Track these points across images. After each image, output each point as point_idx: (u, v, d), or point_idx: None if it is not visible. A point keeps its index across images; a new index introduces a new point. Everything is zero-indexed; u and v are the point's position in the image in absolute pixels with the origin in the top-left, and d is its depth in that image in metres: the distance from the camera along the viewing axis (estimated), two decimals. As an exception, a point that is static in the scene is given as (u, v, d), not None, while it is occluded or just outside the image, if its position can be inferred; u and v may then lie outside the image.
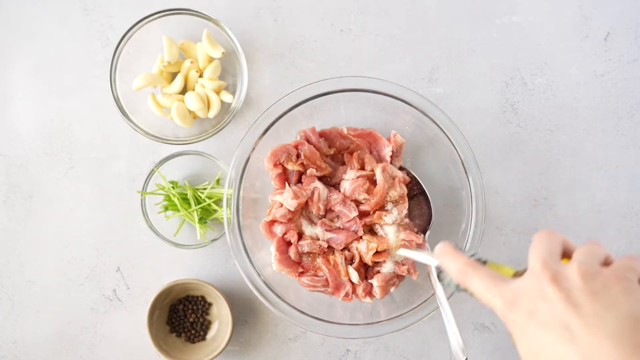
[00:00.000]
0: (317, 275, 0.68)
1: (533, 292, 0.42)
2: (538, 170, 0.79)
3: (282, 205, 0.67)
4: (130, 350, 0.79)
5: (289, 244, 0.69)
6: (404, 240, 0.67)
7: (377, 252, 0.67)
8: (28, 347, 0.79)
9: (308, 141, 0.69)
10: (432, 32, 0.79)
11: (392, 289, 0.69)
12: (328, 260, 0.68)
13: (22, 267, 0.79)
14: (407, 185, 0.70)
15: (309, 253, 0.69)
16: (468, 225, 0.67)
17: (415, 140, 0.72)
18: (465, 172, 0.67)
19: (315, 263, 0.68)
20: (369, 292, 0.68)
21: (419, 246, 0.68)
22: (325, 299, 0.70)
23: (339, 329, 0.62)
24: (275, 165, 0.68)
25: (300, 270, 0.69)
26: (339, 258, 0.68)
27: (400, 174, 0.70)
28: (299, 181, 0.70)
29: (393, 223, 0.68)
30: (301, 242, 0.68)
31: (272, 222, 0.68)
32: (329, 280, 0.67)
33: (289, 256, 0.68)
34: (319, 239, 0.68)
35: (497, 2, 0.79)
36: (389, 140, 0.70)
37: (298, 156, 0.68)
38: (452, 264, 0.48)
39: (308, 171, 0.68)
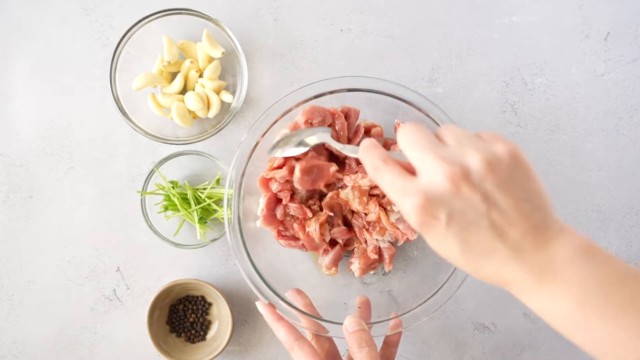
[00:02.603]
0: (294, 239, 0.70)
1: (446, 193, 0.41)
2: (538, 170, 0.78)
3: (282, 166, 0.67)
4: (130, 350, 0.79)
5: (280, 201, 0.69)
6: (398, 231, 0.68)
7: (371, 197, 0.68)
8: (28, 347, 0.79)
9: (346, 116, 0.69)
10: (432, 32, 0.79)
11: (371, 272, 0.72)
12: (304, 227, 0.69)
13: (22, 267, 0.79)
14: None
15: (294, 216, 0.69)
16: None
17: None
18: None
19: (294, 228, 0.69)
20: (335, 263, 0.70)
21: (406, 240, 0.69)
22: (325, 298, 0.70)
23: (339, 328, 0.62)
24: (306, 122, 0.67)
25: (281, 228, 0.70)
26: (313, 226, 0.69)
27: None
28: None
29: (399, 212, 0.68)
30: (290, 204, 0.68)
31: (271, 179, 0.68)
32: (305, 244, 0.69)
33: (275, 214, 0.69)
34: (307, 203, 0.70)
35: (497, 2, 0.79)
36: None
37: (330, 125, 0.68)
38: (368, 156, 0.46)
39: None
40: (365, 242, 0.71)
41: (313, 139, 0.65)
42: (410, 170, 0.44)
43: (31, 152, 0.79)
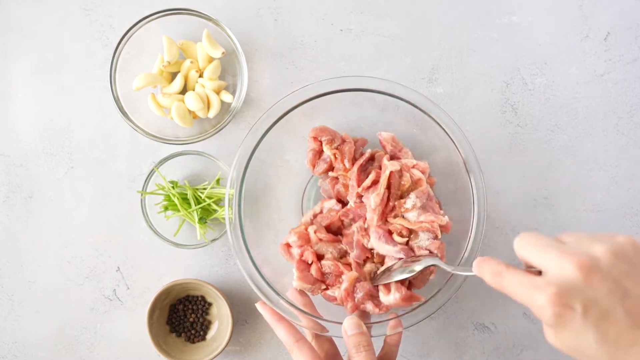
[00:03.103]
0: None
1: (578, 284, 0.42)
2: (538, 170, 0.79)
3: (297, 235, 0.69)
4: (130, 350, 0.79)
5: (309, 264, 0.69)
6: (423, 222, 0.67)
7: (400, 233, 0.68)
8: (28, 347, 0.79)
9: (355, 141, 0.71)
10: (432, 32, 0.79)
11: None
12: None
13: (22, 267, 0.79)
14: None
15: (330, 273, 0.69)
16: (470, 225, 0.67)
17: (416, 139, 0.72)
18: (467, 172, 0.67)
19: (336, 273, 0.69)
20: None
21: (443, 228, 0.67)
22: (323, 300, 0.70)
23: (339, 328, 0.62)
24: (315, 138, 0.69)
25: (324, 287, 0.68)
26: (344, 284, 0.67)
27: (409, 161, 0.69)
28: (329, 169, 0.71)
29: (413, 208, 0.67)
30: (324, 262, 0.68)
31: (288, 244, 0.69)
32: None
33: (311, 274, 0.68)
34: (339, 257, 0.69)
35: (497, 2, 0.79)
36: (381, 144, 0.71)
37: (337, 148, 0.69)
38: (486, 267, 0.48)
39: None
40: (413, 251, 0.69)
41: (420, 265, 0.63)
42: (534, 273, 0.45)
43: (31, 152, 0.79)
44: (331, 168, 0.71)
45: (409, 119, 0.69)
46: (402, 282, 0.65)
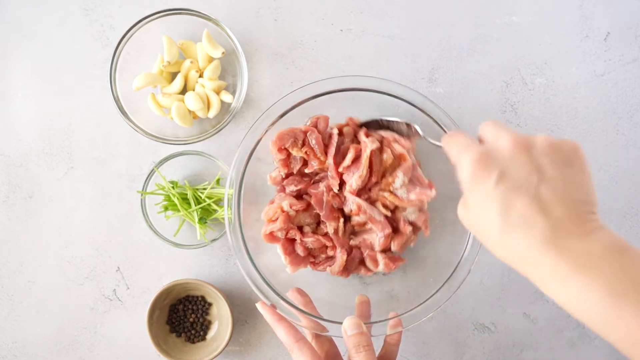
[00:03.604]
0: (329, 260, 0.70)
1: (506, 155, 0.44)
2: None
3: (275, 220, 0.68)
4: (130, 350, 0.79)
5: (293, 241, 0.69)
6: (414, 200, 0.67)
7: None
8: (28, 347, 0.79)
9: (316, 127, 0.69)
10: (432, 32, 0.79)
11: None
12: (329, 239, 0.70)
13: (22, 267, 0.79)
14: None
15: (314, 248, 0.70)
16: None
17: (416, 139, 0.72)
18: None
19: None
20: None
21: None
22: (326, 298, 0.70)
23: (339, 328, 0.62)
24: (279, 149, 0.68)
25: (312, 260, 0.70)
26: (338, 259, 0.69)
27: (389, 134, 0.69)
28: (304, 164, 0.70)
29: (402, 186, 0.67)
30: (306, 239, 0.69)
31: (272, 233, 0.69)
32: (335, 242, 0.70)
33: (298, 254, 0.69)
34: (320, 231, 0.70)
35: (497, 2, 0.79)
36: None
37: (304, 143, 0.68)
38: (445, 135, 0.51)
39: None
40: (395, 223, 0.70)
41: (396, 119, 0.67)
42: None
43: (31, 152, 0.79)
44: (306, 163, 0.70)
45: (409, 118, 0.69)
46: (386, 250, 0.69)
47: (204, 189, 0.76)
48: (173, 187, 0.75)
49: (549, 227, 0.42)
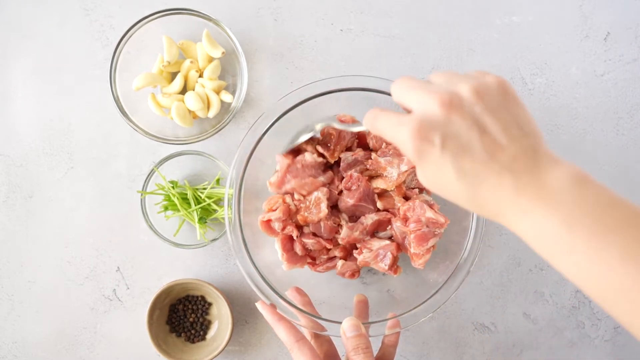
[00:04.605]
0: (330, 259, 0.70)
1: (440, 119, 0.43)
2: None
3: (275, 209, 0.68)
4: (130, 350, 0.79)
5: (292, 238, 0.69)
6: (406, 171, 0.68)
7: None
8: (28, 347, 0.79)
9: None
10: (432, 32, 0.79)
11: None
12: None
13: (22, 267, 0.79)
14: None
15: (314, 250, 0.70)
16: (469, 225, 0.67)
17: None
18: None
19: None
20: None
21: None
22: (325, 297, 0.70)
23: (338, 327, 0.62)
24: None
25: (310, 261, 0.70)
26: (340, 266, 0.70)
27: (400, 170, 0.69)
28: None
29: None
30: (306, 240, 0.69)
31: (269, 220, 0.68)
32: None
33: (296, 252, 0.69)
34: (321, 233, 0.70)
35: (497, 2, 0.79)
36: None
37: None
38: (366, 116, 0.49)
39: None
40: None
41: (319, 125, 0.65)
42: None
43: (31, 152, 0.79)
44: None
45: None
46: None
47: (204, 189, 0.76)
48: (173, 187, 0.75)
49: (502, 170, 0.42)
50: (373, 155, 0.69)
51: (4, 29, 0.78)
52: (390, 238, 0.70)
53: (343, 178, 0.69)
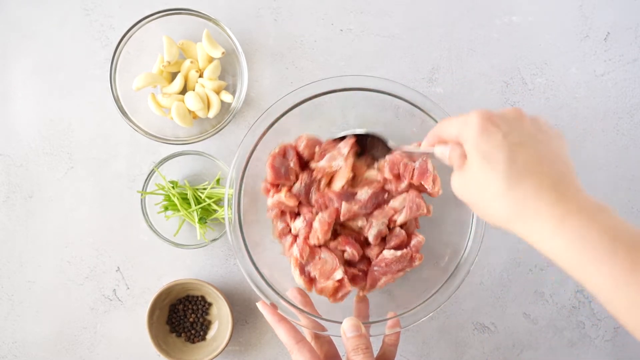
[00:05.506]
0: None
1: (509, 117, 0.49)
2: (538, 170, 0.78)
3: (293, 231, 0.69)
4: (130, 350, 0.79)
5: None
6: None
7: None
8: (28, 347, 0.79)
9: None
10: (432, 32, 0.79)
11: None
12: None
13: (22, 267, 0.79)
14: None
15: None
16: (469, 225, 0.67)
17: (417, 139, 0.72)
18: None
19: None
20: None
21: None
22: (325, 299, 0.70)
23: (339, 327, 0.62)
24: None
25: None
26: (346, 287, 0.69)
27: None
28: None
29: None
30: (322, 256, 0.68)
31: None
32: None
33: (309, 275, 0.69)
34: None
35: (497, 2, 0.79)
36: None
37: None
38: (428, 134, 0.56)
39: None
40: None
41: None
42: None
43: (31, 152, 0.79)
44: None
45: (409, 118, 0.69)
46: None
47: (204, 189, 0.76)
48: (173, 187, 0.75)
49: (547, 179, 0.46)
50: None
51: (4, 29, 0.78)
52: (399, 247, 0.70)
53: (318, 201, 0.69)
